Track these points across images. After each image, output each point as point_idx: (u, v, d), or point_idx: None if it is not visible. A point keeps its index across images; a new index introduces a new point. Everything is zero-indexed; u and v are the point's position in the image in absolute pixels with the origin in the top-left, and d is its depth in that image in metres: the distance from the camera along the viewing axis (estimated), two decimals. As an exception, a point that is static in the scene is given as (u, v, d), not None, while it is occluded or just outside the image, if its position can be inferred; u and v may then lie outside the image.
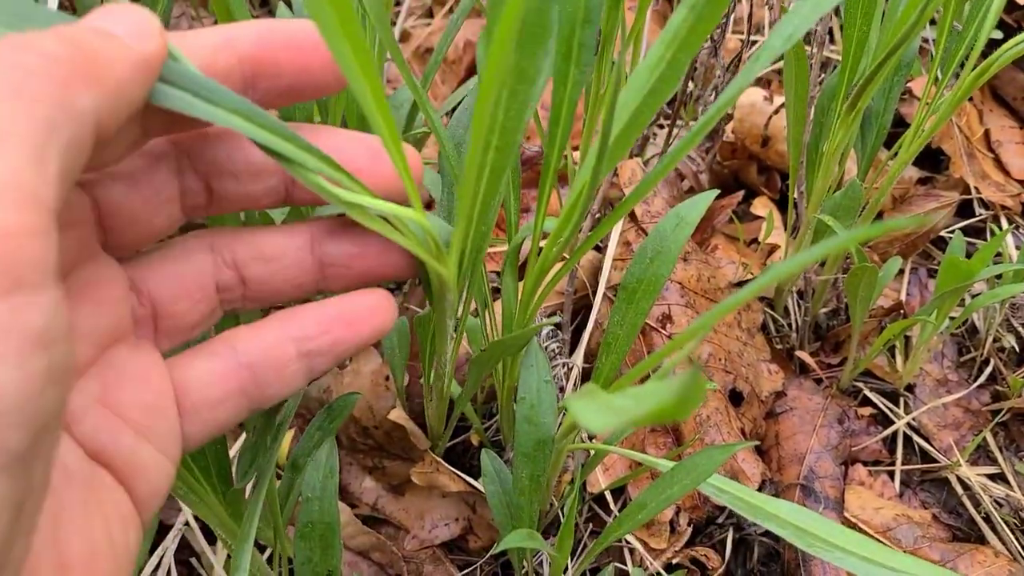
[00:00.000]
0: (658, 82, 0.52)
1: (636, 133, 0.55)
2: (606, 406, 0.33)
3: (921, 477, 0.91)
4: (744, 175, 1.11)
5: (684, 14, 0.51)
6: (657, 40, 0.52)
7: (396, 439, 0.85)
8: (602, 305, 0.89)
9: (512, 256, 0.69)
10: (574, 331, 0.95)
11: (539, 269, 0.63)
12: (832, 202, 0.83)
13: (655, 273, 0.67)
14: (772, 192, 1.10)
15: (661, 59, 0.52)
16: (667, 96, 0.54)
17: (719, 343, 0.89)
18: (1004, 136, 1.13)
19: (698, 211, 0.67)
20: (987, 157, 1.12)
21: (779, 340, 0.99)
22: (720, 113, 0.50)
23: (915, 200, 1.04)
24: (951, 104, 0.82)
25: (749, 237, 1.05)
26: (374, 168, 0.42)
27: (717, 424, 0.85)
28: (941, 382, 0.97)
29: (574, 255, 0.63)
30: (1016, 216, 1.08)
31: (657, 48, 0.52)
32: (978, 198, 1.08)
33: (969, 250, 1.07)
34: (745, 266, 0.97)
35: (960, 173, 1.08)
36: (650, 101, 0.53)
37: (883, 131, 0.85)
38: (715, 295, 0.92)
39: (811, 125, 0.87)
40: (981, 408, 0.94)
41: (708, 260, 0.95)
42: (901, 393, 0.95)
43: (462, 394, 0.78)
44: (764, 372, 0.92)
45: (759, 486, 0.86)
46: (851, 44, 0.76)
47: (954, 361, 0.99)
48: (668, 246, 0.67)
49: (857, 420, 0.93)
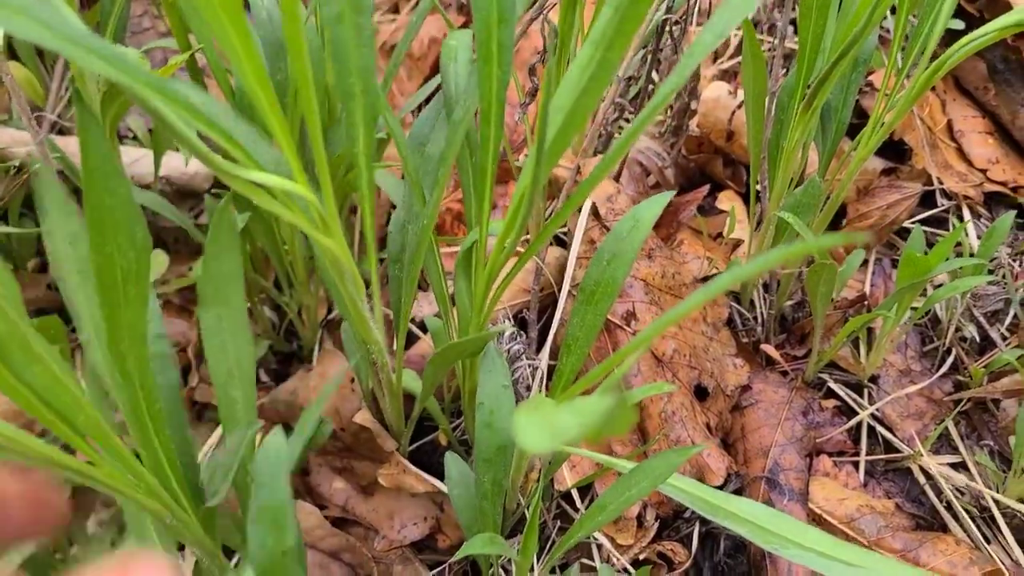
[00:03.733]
0: (589, 82, 0.52)
1: (572, 134, 0.56)
2: (548, 425, 0.34)
3: (885, 467, 0.93)
4: (710, 168, 1.11)
5: (609, 15, 0.51)
6: (586, 41, 0.52)
7: (363, 440, 0.85)
8: (567, 303, 0.90)
9: (463, 258, 0.69)
10: (541, 328, 0.96)
11: (489, 271, 0.64)
12: (793, 199, 0.84)
13: (612, 275, 0.68)
14: (738, 185, 1.10)
15: (591, 60, 0.53)
16: (599, 95, 0.55)
17: (684, 339, 0.90)
18: (966, 126, 1.14)
19: (653, 213, 0.68)
20: (950, 147, 1.13)
21: (745, 333, 1.00)
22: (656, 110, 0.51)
23: (878, 192, 1.05)
24: (910, 98, 0.83)
25: (715, 231, 1.05)
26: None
27: (682, 419, 0.86)
28: (904, 372, 0.98)
29: (527, 252, 0.63)
30: (978, 206, 1.09)
31: (586, 50, 0.53)
32: (940, 189, 1.09)
33: (932, 240, 1.08)
34: (710, 261, 0.98)
35: (923, 164, 1.08)
36: (583, 101, 0.53)
37: (842, 126, 0.86)
38: (680, 291, 0.93)
39: (771, 122, 0.87)
40: (943, 397, 0.95)
41: (673, 256, 0.95)
42: (865, 384, 0.96)
43: (421, 394, 0.79)
44: (729, 366, 0.93)
45: (724, 480, 0.86)
46: (806, 41, 0.77)
47: (917, 351, 1.00)
48: (625, 248, 0.68)
49: (821, 412, 0.94)
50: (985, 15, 1.20)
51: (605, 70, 0.52)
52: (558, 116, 0.55)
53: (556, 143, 0.55)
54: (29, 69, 1.09)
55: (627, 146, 0.55)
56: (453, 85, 0.68)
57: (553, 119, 0.55)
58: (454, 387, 0.91)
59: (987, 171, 1.12)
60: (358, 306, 0.65)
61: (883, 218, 1.03)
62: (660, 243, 0.95)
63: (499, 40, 0.57)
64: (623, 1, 0.50)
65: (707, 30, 0.50)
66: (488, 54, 0.57)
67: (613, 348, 0.87)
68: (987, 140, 1.14)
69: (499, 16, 0.56)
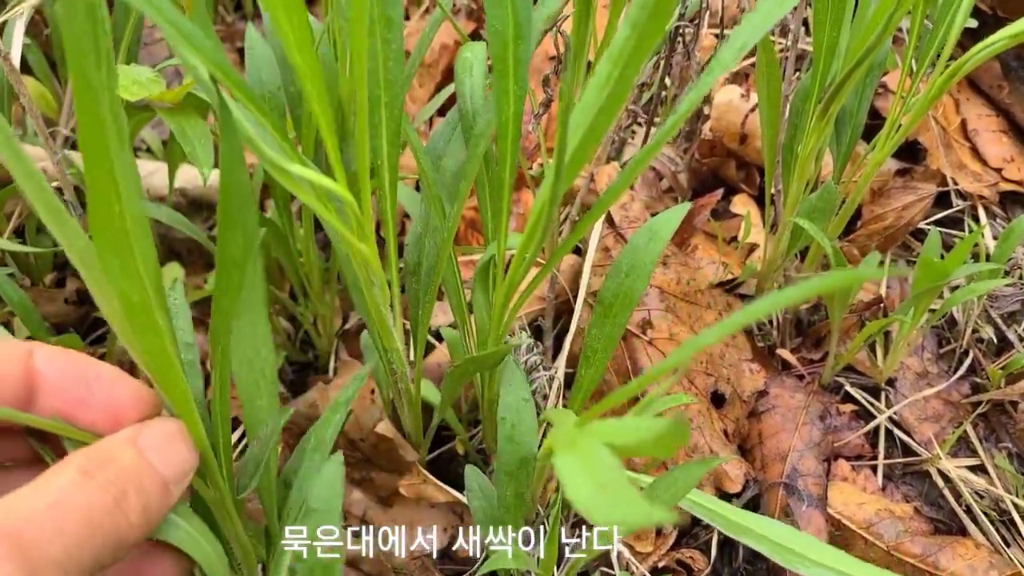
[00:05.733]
0: (608, 100, 0.53)
1: (591, 149, 0.56)
2: (591, 469, 0.34)
3: (903, 471, 0.92)
4: (723, 172, 1.11)
5: (627, 33, 0.51)
6: (603, 58, 0.53)
7: (383, 451, 0.86)
8: (583, 311, 0.90)
9: (482, 271, 0.69)
10: (556, 336, 0.96)
11: (508, 284, 0.64)
12: (808, 204, 0.84)
13: (630, 287, 0.68)
14: (751, 188, 1.10)
15: (609, 77, 0.53)
16: (618, 112, 0.55)
17: (700, 345, 0.89)
18: (981, 125, 1.14)
19: (671, 225, 0.68)
20: (964, 147, 1.13)
21: (761, 338, 1.00)
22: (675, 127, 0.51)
23: (893, 193, 1.04)
24: (925, 102, 0.82)
25: (730, 234, 1.05)
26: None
27: (700, 427, 0.86)
28: (921, 375, 0.97)
29: (545, 267, 0.63)
30: (993, 206, 1.08)
31: (604, 66, 0.53)
32: (955, 189, 1.08)
33: (948, 241, 1.08)
34: (726, 266, 0.98)
35: (937, 165, 1.08)
36: (601, 119, 0.54)
37: (857, 130, 0.86)
38: (695, 297, 0.93)
39: (785, 126, 0.87)
40: (961, 400, 0.95)
41: (687, 262, 0.95)
42: (882, 387, 0.96)
43: (440, 405, 0.79)
44: (746, 372, 0.93)
45: (743, 487, 0.86)
46: (821, 48, 0.77)
47: (934, 353, 1.00)
48: (642, 260, 0.68)
49: (839, 416, 0.93)
50: (999, 11, 1.19)
51: (623, 87, 0.52)
52: (576, 133, 0.55)
53: (574, 160, 0.56)
54: (43, 83, 1.09)
55: (645, 162, 0.55)
56: (469, 98, 0.68)
57: (572, 136, 0.55)
58: (471, 396, 0.92)
59: (1002, 170, 1.11)
60: (382, 313, 0.66)
61: (898, 219, 1.03)
62: (675, 249, 0.95)
63: (516, 56, 0.57)
64: (641, 19, 0.50)
65: (726, 47, 0.50)
66: (505, 70, 0.57)
67: (629, 356, 0.87)
68: (1001, 139, 1.13)
69: (516, 32, 0.56)
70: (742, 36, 0.50)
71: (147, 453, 0.43)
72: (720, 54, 0.50)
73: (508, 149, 0.59)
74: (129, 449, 0.42)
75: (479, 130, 0.63)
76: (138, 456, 0.42)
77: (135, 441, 0.43)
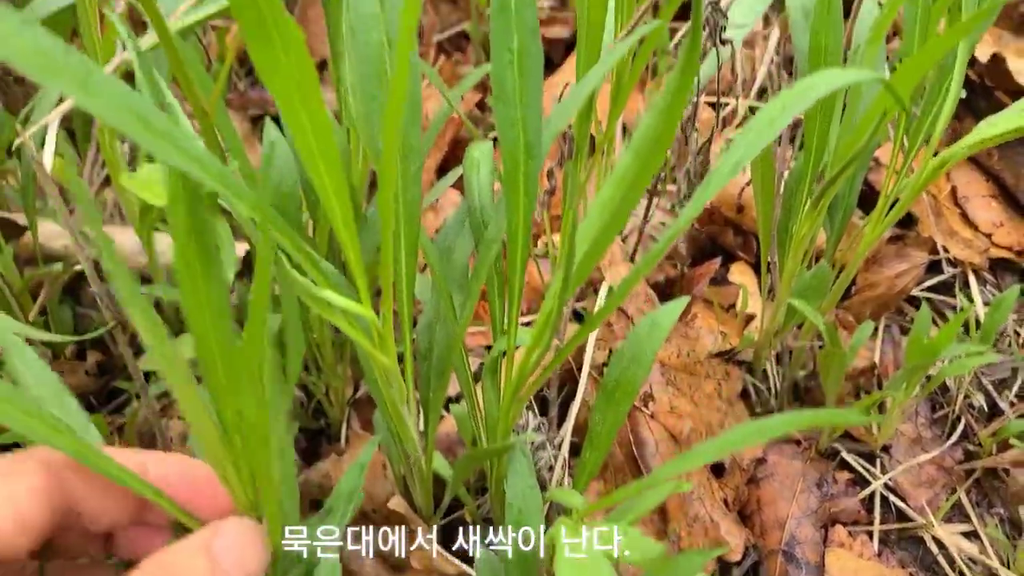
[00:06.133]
0: (611, 218, 0.57)
1: (595, 260, 0.60)
2: None
3: (898, 536, 0.95)
4: (722, 239, 1.14)
5: (630, 160, 0.55)
6: (608, 181, 0.57)
7: (395, 524, 0.89)
8: (587, 383, 0.93)
9: (491, 365, 0.72)
10: (561, 404, 0.99)
11: (517, 380, 0.67)
12: (802, 283, 0.87)
13: (633, 375, 0.71)
14: (748, 255, 1.13)
15: (612, 199, 0.57)
16: (621, 228, 0.59)
17: (700, 417, 0.93)
18: (971, 191, 1.17)
19: (672, 317, 0.71)
20: (954, 212, 1.16)
21: (759, 404, 1.03)
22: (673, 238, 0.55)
23: (886, 261, 1.08)
24: (916, 186, 0.86)
25: (728, 302, 1.08)
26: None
27: (700, 497, 0.89)
28: (916, 441, 1.00)
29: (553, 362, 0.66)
30: (984, 272, 1.12)
31: (607, 189, 0.57)
32: (946, 257, 1.12)
33: (940, 308, 1.11)
34: (724, 336, 1.01)
35: (928, 232, 1.12)
36: (606, 233, 0.58)
37: (849, 212, 0.89)
38: (695, 368, 0.96)
39: (780, 200, 0.91)
40: (954, 466, 0.98)
41: (687, 333, 0.98)
42: (877, 454, 0.99)
43: (451, 485, 0.82)
44: (745, 440, 0.96)
45: (743, 554, 0.89)
46: (812, 136, 0.80)
47: (928, 418, 1.03)
48: (644, 350, 0.71)
49: (835, 483, 0.96)
50: (987, 81, 1.24)
51: (625, 209, 0.56)
52: (583, 246, 0.59)
53: (581, 268, 0.59)
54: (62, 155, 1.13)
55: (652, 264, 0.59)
56: (477, 196, 0.72)
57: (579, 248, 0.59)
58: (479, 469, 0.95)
59: (992, 235, 1.14)
60: (398, 409, 0.69)
61: (891, 287, 1.06)
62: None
63: (525, 173, 0.60)
64: (643, 149, 0.54)
65: (724, 161, 0.54)
66: (515, 185, 0.61)
67: (632, 430, 0.90)
68: (991, 203, 1.17)
69: (526, 151, 0.60)
70: (737, 153, 0.54)
71: (221, 558, 0.44)
72: (715, 170, 0.54)
73: (518, 256, 0.63)
74: (202, 559, 0.44)
75: (490, 235, 0.66)
76: (211, 566, 0.44)
77: (209, 548, 0.44)
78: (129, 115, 0.38)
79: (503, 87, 0.59)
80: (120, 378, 1.04)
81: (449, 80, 1.36)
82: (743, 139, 0.54)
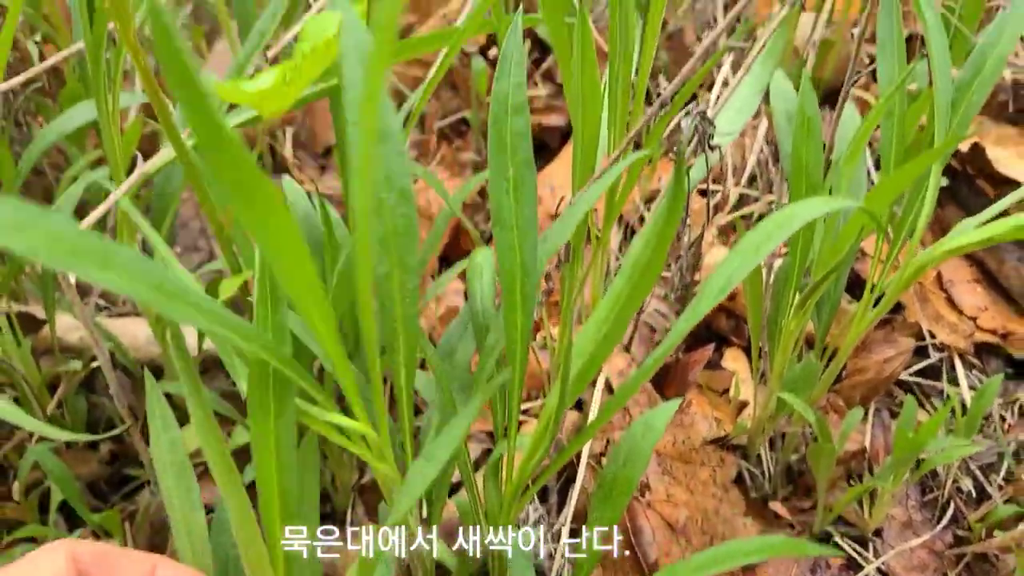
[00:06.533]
0: (607, 335, 0.60)
1: (590, 376, 0.64)
2: None
3: (892, 621, 0.97)
4: (714, 323, 1.18)
5: (622, 284, 0.59)
6: (602, 301, 0.60)
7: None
8: (586, 472, 0.96)
9: (493, 466, 0.76)
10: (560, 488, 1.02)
11: (518, 480, 0.71)
12: (792, 375, 0.91)
13: (629, 474, 0.74)
14: (740, 340, 1.17)
15: (607, 318, 0.61)
16: (617, 341, 0.62)
17: (695, 504, 0.95)
18: (956, 276, 1.22)
19: (665, 418, 0.74)
20: (940, 296, 1.20)
21: (754, 488, 1.05)
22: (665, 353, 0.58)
23: (873, 347, 1.11)
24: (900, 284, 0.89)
25: (721, 387, 1.12)
26: None
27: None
28: (907, 524, 1.03)
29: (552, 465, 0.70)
30: (969, 356, 1.15)
31: (602, 309, 0.61)
32: (932, 343, 1.15)
33: (928, 391, 1.14)
34: (719, 422, 1.04)
35: (915, 317, 1.15)
36: (602, 348, 0.62)
37: (835, 308, 0.93)
38: (690, 456, 0.99)
39: (769, 294, 0.94)
40: (945, 550, 1.00)
41: (682, 420, 1.02)
42: (869, 538, 1.02)
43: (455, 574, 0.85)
44: (740, 526, 0.98)
45: (739, 642, 0.91)
46: (796, 245, 0.84)
47: (918, 501, 1.05)
48: (639, 450, 0.74)
49: (828, 569, 0.99)
50: (968, 168, 1.28)
51: (620, 326, 0.60)
52: (578, 362, 0.63)
53: (577, 381, 0.63)
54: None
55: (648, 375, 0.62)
56: (479, 300, 0.76)
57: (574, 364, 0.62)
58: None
59: (976, 319, 1.18)
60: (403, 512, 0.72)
61: (880, 372, 1.10)
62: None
63: (523, 292, 0.64)
64: (635, 275, 0.58)
65: (712, 283, 0.58)
66: (513, 303, 0.65)
67: (630, 519, 0.92)
68: (976, 288, 1.21)
69: (523, 271, 0.64)
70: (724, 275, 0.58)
71: None
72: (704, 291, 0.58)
73: (516, 368, 0.66)
74: None
75: (490, 343, 0.70)
76: None
77: None
78: (144, 285, 0.42)
79: (500, 213, 0.63)
80: (131, 466, 1.07)
81: (450, 166, 1.42)
82: (730, 263, 0.58)
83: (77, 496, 0.93)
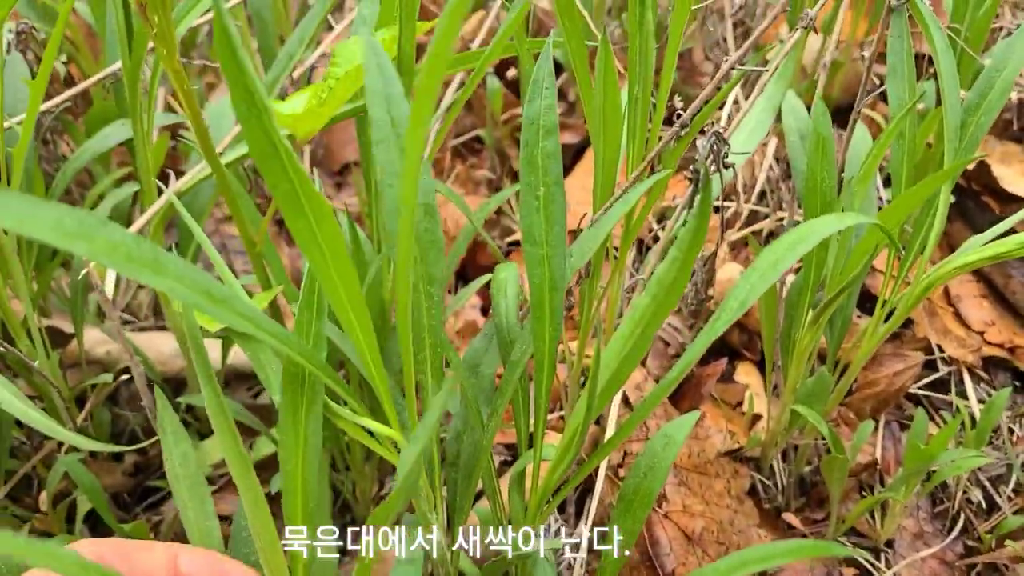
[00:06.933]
0: (631, 351, 0.63)
1: (615, 391, 0.66)
2: None
3: (904, 631, 0.99)
4: (728, 338, 1.20)
5: (647, 301, 0.61)
6: (626, 318, 0.63)
7: (419, 620, 0.93)
8: (604, 483, 0.98)
9: (517, 477, 0.78)
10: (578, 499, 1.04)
11: (542, 492, 0.73)
12: (805, 389, 0.93)
13: (649, 487, 0.76)
14: (753, 354, 1.19)
15: (631, 334, 0.63)
16: (640, 357, 0.65)
17: (711, 515, 0.97)
18: (963, 291, 1.24)
19: (684, 431, 0.76)
20: (948, 311, 1.22)
21: (767, 500, 1.07)
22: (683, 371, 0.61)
23: (884, 360, 1.14)
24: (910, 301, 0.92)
25: (735, 400, 1.14)
26: None
27: (713, 594, 0.93)
28: (918, 535, 1.05)
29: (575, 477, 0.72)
30: (977, 370, 1.17)
31: (627, 325, 0.63)
32: (941, 357, 1.17)
33: (938, 404, 1.16)
34: (732, 435, 1.06)
35: (924, 332, 1.17)
36: (626, 364, 0.64)
37: (847, 322, 0.95)
38: (705, 468, 1.01)
39: (783, 309, 0.97)
40: (955, 561, 1.02)
41: (697, 433, 1.04)
42: (881, 549, 1.03)
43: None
44: (755, 537, 1.00)
45: (755, 650, 0.93)
46: (811, 260, 0.87)
47: (929, 512, 1.07)
48: (659, 462, 0.76)
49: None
50: (974, 185, 1.31)
51: (645, 340, 0.62)
52: (604, 375, 0.65)
53: (604, 394, 0.65)
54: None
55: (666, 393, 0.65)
56: (504, 316, 0.78)
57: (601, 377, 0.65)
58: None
59: (984, 333, 1.20)
60: (426, 516, 0.74)
61: (890, 385, 1.12)
62: (685, 420, 1.04)
63: (551, 305, 0.66)
64: (660, 293, 0.60)
65: (731, 299, 0.60)
66: (541, 315, 0.67)
67: (647, 530, 0.94)
68: (983, 303, 1.23)
69: (551, 285, 0.66)
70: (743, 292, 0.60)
71: None
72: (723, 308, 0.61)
73: (544, 379, 0.68)
74: None
75: (515, 357, 0.72)
76: None
77: None
78: (194, 289, 0.45)
79: (531, 230, 0.65)
80: (153, 477, 1.09)
81: (464, 184, 1.44)
82: (748, 279, 0.61)
83: (105, 507, 0.94)
